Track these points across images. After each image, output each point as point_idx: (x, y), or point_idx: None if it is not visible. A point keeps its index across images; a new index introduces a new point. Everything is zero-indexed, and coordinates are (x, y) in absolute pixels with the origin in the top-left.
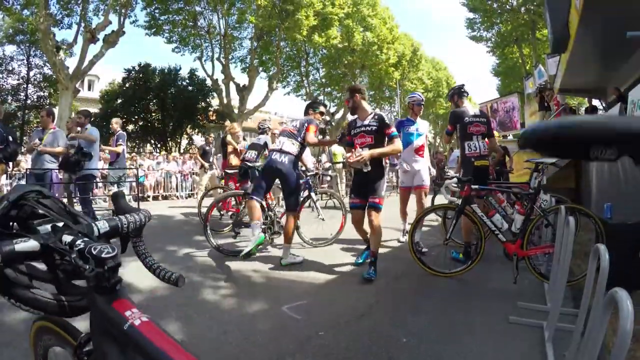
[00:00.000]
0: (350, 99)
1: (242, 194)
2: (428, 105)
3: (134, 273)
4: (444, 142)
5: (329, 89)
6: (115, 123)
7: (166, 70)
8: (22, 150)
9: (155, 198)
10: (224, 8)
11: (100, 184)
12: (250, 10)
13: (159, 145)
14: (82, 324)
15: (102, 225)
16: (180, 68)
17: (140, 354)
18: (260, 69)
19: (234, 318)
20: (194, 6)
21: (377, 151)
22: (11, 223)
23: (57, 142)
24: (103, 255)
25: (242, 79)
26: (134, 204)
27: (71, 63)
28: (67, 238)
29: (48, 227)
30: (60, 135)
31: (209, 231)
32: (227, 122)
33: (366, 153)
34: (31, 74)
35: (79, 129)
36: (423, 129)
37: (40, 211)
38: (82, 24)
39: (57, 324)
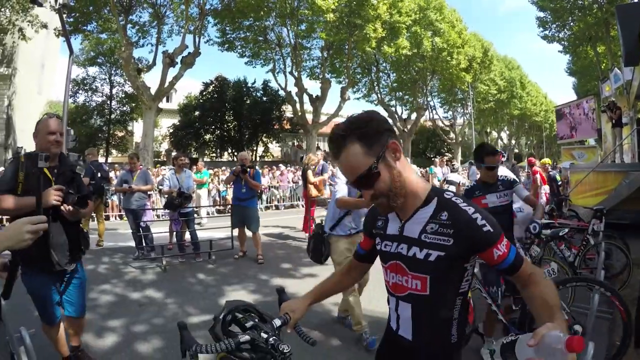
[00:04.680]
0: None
1: None
2: (502, 106)
3: None
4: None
5: (400, 93)
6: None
7: (241, 83)
8: (110, 187)
9: None
10: (293, 22)
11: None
12: (319, 25)
13: (235, 154)
14: None
15: (277, 322)
16: (255, 81)
17: None
18: (332, 75)
19: None
20: (264, 21)
21: None
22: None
23: (146, 180)
24: (285, 351)
25: (315, 89)
26: (217, 218)
27: (151, 82)
28: (264, 335)
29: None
30: (148, 174)
31: None
32: (308, 156)
33: None
34: (113, 91)
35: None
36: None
37: (239, 315)
38: (160, 47)
39: None
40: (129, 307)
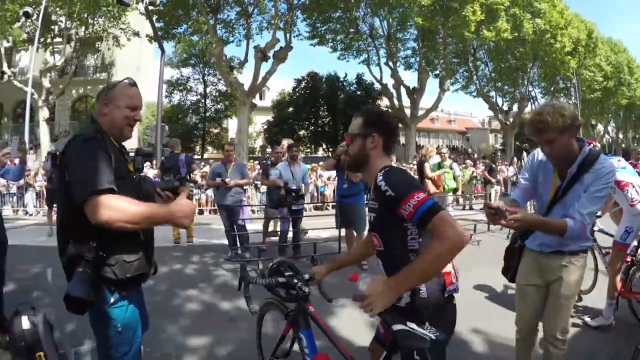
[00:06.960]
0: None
1: None
2: (608, 94)
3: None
4: None
5: (500, 84)
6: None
7: (333, 77)
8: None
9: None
10: (385, 11)
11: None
12: (413, 11)
13: (330, 149)
14: None
15: (306, 276)
16: (346, 75)
17: (314, 321)
18: (428, 68)
19: None
20: (354, 12)
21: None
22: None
23: (242, 173)
24: (307, 291)
25: (412, 81)
26: (314, 214)
27: (244, 79)
28: (295, 281)
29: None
30: (244, 166)
31: None
32: (426, 147)
33: None
34: (207, 90)
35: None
36: None
37: (282, 268)
38: (250, 43)
39: (279, 302)
40: (217, 319)
